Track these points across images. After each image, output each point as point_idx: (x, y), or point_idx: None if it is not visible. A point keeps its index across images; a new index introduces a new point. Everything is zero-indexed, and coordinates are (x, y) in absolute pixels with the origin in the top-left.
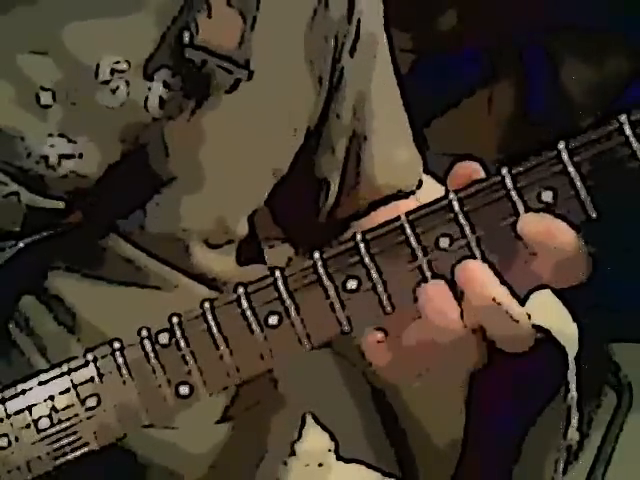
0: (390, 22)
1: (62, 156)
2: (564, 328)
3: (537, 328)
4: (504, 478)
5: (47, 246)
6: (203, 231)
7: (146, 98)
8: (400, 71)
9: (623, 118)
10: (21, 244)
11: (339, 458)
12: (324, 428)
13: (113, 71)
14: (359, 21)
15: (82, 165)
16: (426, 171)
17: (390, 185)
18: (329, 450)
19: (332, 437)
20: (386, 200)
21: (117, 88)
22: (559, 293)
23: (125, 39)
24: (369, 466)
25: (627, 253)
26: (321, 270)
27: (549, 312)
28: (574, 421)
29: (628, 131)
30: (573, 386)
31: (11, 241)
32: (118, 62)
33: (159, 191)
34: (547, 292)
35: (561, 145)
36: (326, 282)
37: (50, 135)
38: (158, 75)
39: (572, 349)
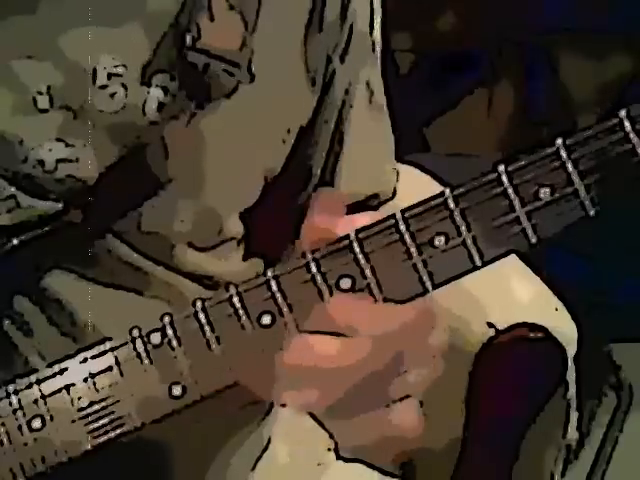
0: (390, 22)
1: (59, 160)
2: (564, 328)
3: (537, 328)
4: (504, 477)
5: (43, 245)
6: (196, 232)
7: (144, 102)
8: (398, 73)
9: (623, 113)
10: (15, 241)
11: (338, 457)
12: (323, 427)
13: (110, 75)
14: (352, 25)
15: (79, 169)
16: (426, 171)
17: (357, 193)
18: (328, 449)
19: (331, 436)
20: (356, 207)
21: (115, 92)
22: (559, 293)
23: (122, 43)
24: (368, 465)
25: (627, 252)
26: (314, 269)
27: (549, 312)
28: (573, 420)
29: (628, 127)
30: (572, 386)
31: (3, 239)
32: (115, 66)
33: (156, 193)
34: (547, 292)
35: (559, 141)
36: (319, 281)
37: (47, 139)
38: (156, 79)
39: (571, 349)
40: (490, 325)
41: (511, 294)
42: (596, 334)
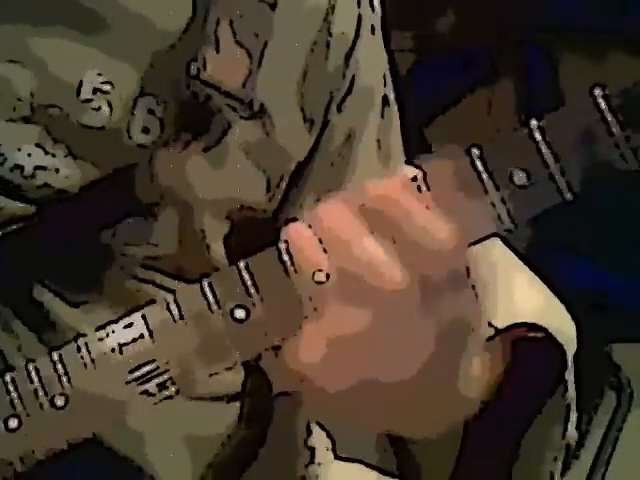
0: (390, 22)
1: (38, 167)
2: (563, 327)
3: (537, 328)
4: (503, 477)
5: (24, 253)
6: (175, 259)
7: (129, 123)
8: (398, 73)
9: (597, 92)
10: None
11: (337, 457)
12: (322, 426)
13: (96, 90)
14: (354, 76)
15: (58, 179)
16: None
17: None
18: (327, 449)
19: (329, 435)
20: None
21: (99, 108)
22: (559, 293)
23: (110, 60)
24: (367, 465)
25: (627, 253)
26: (286, 258)
27: (548, 311)
28: (573, 420)
29: (603, 106)
30: (571, 385)
31: None
32: (102, 83)
33: (135, 214)
34: (547, 292)
35: (533, 122)
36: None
37: (26, 144)
38: (142, 101)
39: (571, 348)
40: (490, 325)
41: (511, 294)
42: (596, 334)
